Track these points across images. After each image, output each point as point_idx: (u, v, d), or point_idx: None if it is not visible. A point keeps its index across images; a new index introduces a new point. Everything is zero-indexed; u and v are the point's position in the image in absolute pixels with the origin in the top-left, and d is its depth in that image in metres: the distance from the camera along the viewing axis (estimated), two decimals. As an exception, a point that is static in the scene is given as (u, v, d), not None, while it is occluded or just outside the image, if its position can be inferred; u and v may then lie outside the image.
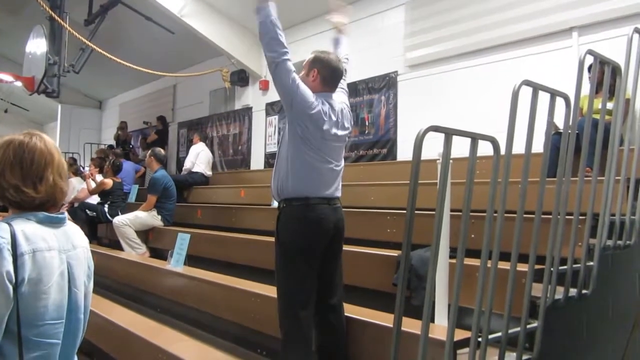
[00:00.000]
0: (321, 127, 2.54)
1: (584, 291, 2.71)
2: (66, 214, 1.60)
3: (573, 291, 2.66)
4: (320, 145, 2.56)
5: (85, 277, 1.64)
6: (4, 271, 1.36)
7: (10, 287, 1.36)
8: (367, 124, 6.54)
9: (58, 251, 1.51)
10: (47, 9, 6.89)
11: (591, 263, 2.75)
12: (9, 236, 1.39)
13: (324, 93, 2.64)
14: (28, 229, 1.45)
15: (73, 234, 1.62)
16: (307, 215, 2.53)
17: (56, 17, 6.92)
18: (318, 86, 2.62)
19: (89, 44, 7.31)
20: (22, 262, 1.40)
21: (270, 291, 3.03)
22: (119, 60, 7.35)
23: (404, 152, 6.00)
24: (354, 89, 6.63)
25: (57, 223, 1.56)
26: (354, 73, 6.42)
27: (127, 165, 8.51)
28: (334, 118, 2.61)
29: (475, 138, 2.05)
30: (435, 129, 1.89)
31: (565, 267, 2.61)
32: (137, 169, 9.37)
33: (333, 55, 2.71)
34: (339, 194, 2.67)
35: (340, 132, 2.65)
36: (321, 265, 2.58)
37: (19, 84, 8.55)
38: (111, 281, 5.33)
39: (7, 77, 9.26)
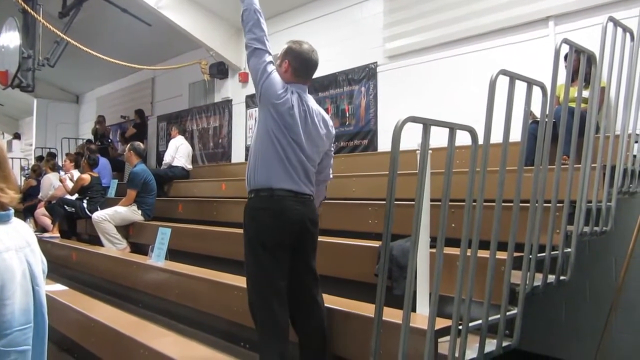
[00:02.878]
0: (288, 117, 2.50)
1: (562, 277, 2.76)
2: (11, 210, 1.45)
3: (551, 277, 2.70)
4: (289, 136, 2.51)
5: (42, 274, 1.50)
6: None
7: None
8: (347, 115, 6.53)
9: (15, 250, 1.38)
10: (20, 1, 6.74)
11: (569, 249, 2.80)
12: None
13: (296, 84, 2.61)
14: None
15: (23, 229, 1.49)
16: (270, 207, 2.49)
17: (29, 10, 6.77)
18: (290, 77, 2.60)
19: (64, 36, 7.17)
20: None
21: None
22: (95, 53, 7.23)
23: (385, 143, 6.01)
24: (334, 80, 6.63)
25: (6, 221, 1.41)
26: (333, 64, 6.44)
27: (104, 160, 8.40)
28: (303, 111, 2.56)
29: (453, 128, 2.06)
30: (414, 119, 1.90)
31: (543, 254, 2.65)
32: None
33: (306, 46, 2.65)
34: (308, 191, 2.58)
35: (313, 131, 2.59)
36: (291, 259, 2.54)
37: (-9, 78, 8.37)
38: (91, 277, 5.28)
39: (-21, 72, 9.08)
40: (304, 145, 2.55)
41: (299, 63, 2.61)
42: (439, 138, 2.31)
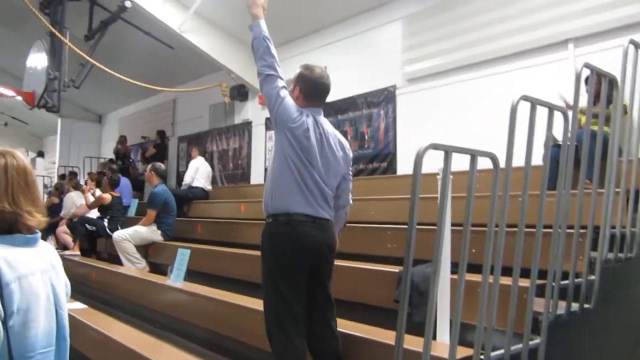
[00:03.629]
0: (304, 140, 2.50)
1: (586, 305, 2.69)
2: (39, 233, 1.48)
3: (575, 306, 2.64)
4: (306, 159, 2.51)
5: (65, 297, 1.53)
6: None
7: (0, 322, 1.26)
8: (366, 138, 6.55)
9: (40, 273, 1.41)
10: (48, 24, 6.93)
11: (593, 277, 2.74)
12: None
13: (310, 108, 2.61)
14: (9, 255, 1.33)
15: (48, 252, 1.51)
16: (288, 232, 2.48)
17: (56, 33, 6.96)
18: (302, 103, 2.61)
19: (89, 59, 7.34)
20: (9, 292, 1.28)
21: (271, 307, 3.01)
22: (118, 75, 7.38)
23: (404, 165, 6.00)
24: (353, 103, 6.65)
25: (33, 243, 1.44)
26: (352, 87, 6.48)
27: (125, 180, 8.51)
28: (319, 133, 2.56)
29: (474, 155, 2.05)
30: (435, 146, 1.89)
31: (567, 281, 2.59)
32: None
33: (318, 71, 2.66)
34: (326, 215, 2.56)
35: (330, 154, 2.59)
36: (307, 284, 2.51)
37: (19, 98, 8.58)
38: (110, 296, 5.30)
39: (8, 92, 9.31)
40: (320, 169, 2.54)
41: (310, 89, 2.63)
42: (459, 161, 2.29)
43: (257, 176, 8.33)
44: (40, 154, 15.87)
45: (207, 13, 7.58)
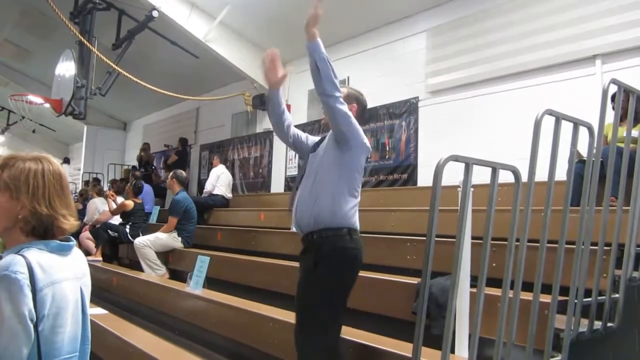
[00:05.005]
0: (366, 158, 2.66)
1: (609, 324, 2.64)
2: (74, 241, 1.52)
3: (598, 324, 2.59)
4: (361, 175, 2.64)
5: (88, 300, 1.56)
6: (26, 310, 1.27)
7: (32, 326, 1.28)
8: (387, 149, 6.54)
9: (72, 280, 1.44)
10: (77, 33, 7.10)
11: (617, 295, 2.68)
12: (27, 270, 1.29)
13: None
14: (43, 260, 1.36)
15: (80, 260, 1.55)
16: (352, 247, 2.50)
17: (85, 42, 7.12)
18: (357, 120, 2.67)
19: (116, 67, 7.48)
20: (42, 296, 1.31)
21: (288, 316, 3.01)
22: (144, 83, 7.50)
23: (425, 177, 5.97)
24: (375, 114, 6.66)
25: (67, 250, 1.48)
26: (375, 98, 6.49)
27: (147, 187, 8.62)
28: None
29: (496, 168, 2.04)
30: (456, 158, 1.89)
31: (589, 299, 2.55)
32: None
33: (362, 95, 2.81)
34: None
35: None
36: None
37: (47, 105, 8.77)
38: (130, 302, 5.36)
39: (37, 99, 9.54)
40: None
41: (363, 111, 2.77)
42: (480, 175, 2.28)
43: (277, 185, 8.37)
44: (66, 161, 16.17)
45: (231, 23, 7.68)
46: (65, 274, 1.41)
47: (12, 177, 1.40)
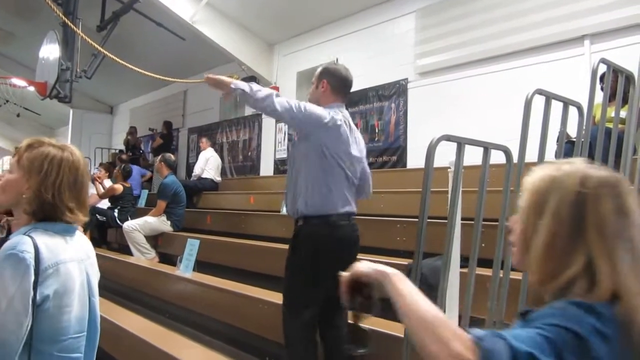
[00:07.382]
0: (338, 136, 2.49)
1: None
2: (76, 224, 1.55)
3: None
4: (340, 157, 2.49)
5: (97, 286, 1.60)
6: (30, 288, 1.30)
7: (31, 304, 1.31)
8: (377, 131, 6.52)
9: (77, 262, 1.47)
10: (61, 15, 6.94)
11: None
12: (33, 250, 1.33)
13: (335, 104, 2.61)
14: (49, 241, 1.39)
15: (84, 242, 1.59)
16: (328, 234, 2.47)
17: (69, 23, 6.97)
18: (329, 96, 2.61)
19: (101, 49, 7.35)
20: (47, 276, 1.34)
21: (278, 298, 3.01)
22: (130, 65, 7.37)
23: (414, 159, 5.97)
24: (364, 96, 6.63)
25: (72, 233, 1.51)
26: (363, 80, 6.45)
27: (135, 170, 8.55)
28: (348, 130, 2.54)
29: (488, 147, 2.04)
30: (448, 138, 1.88)
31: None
32: (143, 173, 9.42)
33: (341, 66, 2.71)
34: (356, 208, 2.62)
35: (355, 152, 2.58)
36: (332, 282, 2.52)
37: (31, 88, 8.62)
38: (120, 286, 5.35)
39: (20, 82, 9.37)
40: (354, 166, 2.56)
41: (337, 81, 2.63)
42: (470, 156, 2.28)
43: (266, 168, 8.34)
44: (52, 145, 15.97)
45: (218, 4, 7.57)
46: (70, 255, 1.45)
47: (30, 158, 1.46)
